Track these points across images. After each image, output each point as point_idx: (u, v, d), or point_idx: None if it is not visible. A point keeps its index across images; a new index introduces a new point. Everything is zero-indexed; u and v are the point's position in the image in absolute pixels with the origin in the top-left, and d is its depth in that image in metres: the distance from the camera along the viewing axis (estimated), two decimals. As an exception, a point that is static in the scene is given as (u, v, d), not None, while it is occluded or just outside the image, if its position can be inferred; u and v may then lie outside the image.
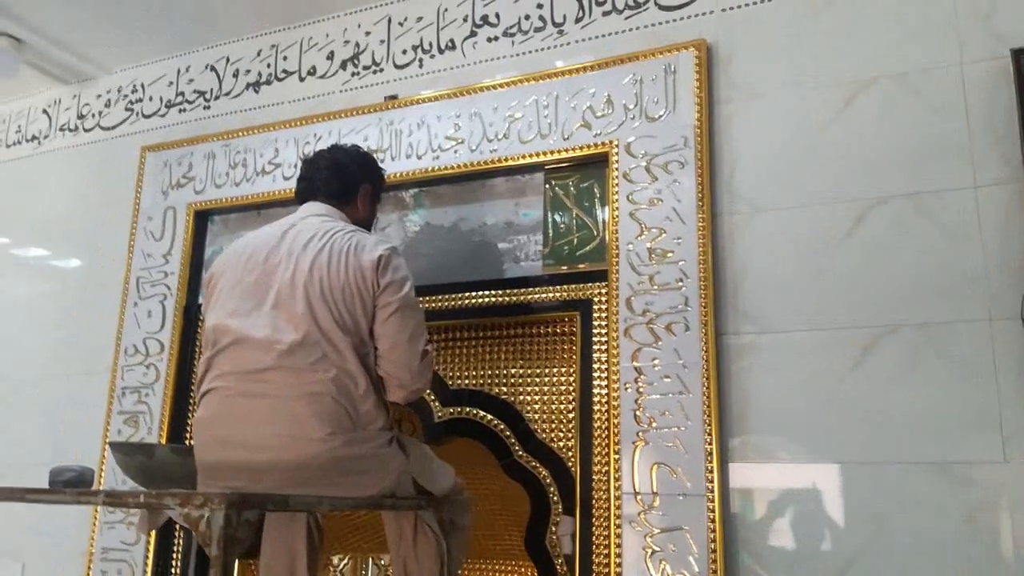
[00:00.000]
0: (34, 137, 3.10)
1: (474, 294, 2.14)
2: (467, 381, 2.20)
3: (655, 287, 1.91)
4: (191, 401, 2.43)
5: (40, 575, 2.55)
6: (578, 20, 2.20)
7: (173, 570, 2.35)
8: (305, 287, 1.59)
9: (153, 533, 2.34)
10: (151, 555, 2.34)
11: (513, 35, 2.28)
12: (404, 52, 2.43)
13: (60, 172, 2.99)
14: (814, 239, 1.82)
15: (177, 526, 2.37)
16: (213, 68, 2.75)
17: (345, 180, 1.84)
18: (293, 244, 1.66)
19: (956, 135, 1.74)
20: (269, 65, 2.65)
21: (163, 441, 2.40)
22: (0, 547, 2.64)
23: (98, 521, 2.44)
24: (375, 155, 1.99)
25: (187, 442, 2.35)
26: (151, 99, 2.85)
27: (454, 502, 1.80)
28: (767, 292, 1.84)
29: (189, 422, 2.41)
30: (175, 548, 2.38)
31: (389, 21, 2.47)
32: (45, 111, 3.10)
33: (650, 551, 1.78)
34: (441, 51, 2.38)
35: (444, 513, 1.75)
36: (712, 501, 1.74)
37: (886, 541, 1.63)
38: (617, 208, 1.99)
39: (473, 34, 2.34)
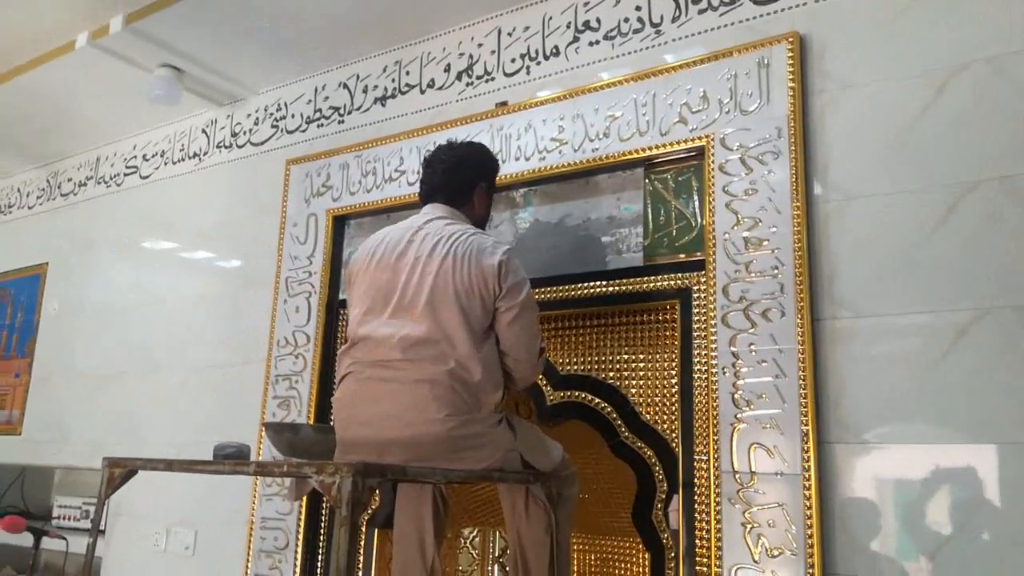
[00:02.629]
0: (195, 154, 3.50)
1: (580, 285, 2.28)
2: (576, 367, 2.35)
3: (751, 274, 1.98)
4: (333, 386, 2.71)
5: (210, 540, 2.92)
6: (675, 19, 2.29)
7: (321, 536, 2.64)
8: (430, 291, 1.80)
9: (304, 505, 2.64)
10: (302, 523, 2.65)
11: (613, 38, 2.39)
12: (513, 60, 2.59)
13: (218, 184, 3.37)
14: (908, 225, 1.83)
15: (324, 499, 2.65)
16: (345, 85, 3.02)
17: (461, 181, 2.02)
18: (420, 248, 1.86)
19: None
20: (393, 80, 2.88)
21: (310, 421, 2.69)
22: (178, 516, 3.04)
23: (258, 494, 2.78)
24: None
25: (329, 422, 2.63)
26: (293, 116, 3.16)
27: (561, 477, 1.97)
28: (862, 278, 1.87)
29: (332, 404, 2.70)
30: (323, 518, 2.67)
31: (499, 32, 2.64)
32: (204, 131, 3.49)
33: (749, 527, 1.87)
34: (547, 57, 2.52)
35: (552, 486, 1.92)
36: (808, 480, 1.81)
37: (980, 524, 1.65)
38: (713, 199, 2.07)
39: (576, 39, 2.47)
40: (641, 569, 2.28)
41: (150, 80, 3.13)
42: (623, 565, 2.46)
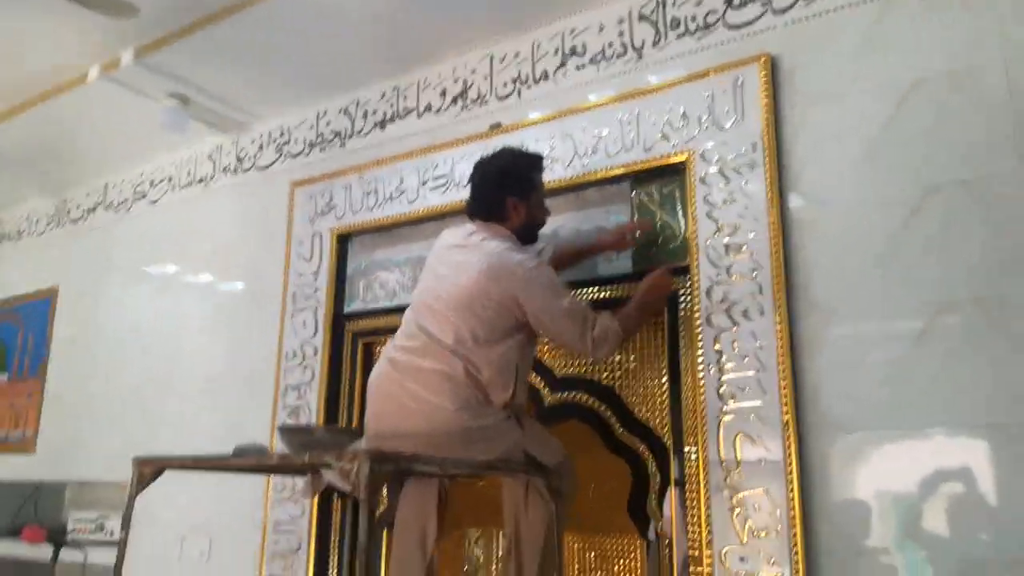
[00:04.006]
0: (202, 179, 3.65)
1: (586, 289, 2.42)
2: (572, 369, 2.50)
3: (732, 277, 2.14)
4: (340, 395, 2.86)
5: (225, 544, 3.04)
6: (655, 44, 2.46)
7: (333, 537, 2.77)
8: (454, 300, 2.00)
9: (315, 508, 2.77)
10: (314, 527, 2.77)
11: (598, 62, 2.56)
12: (505, 85, 2.76)
13: (225, 208, 3.52)
14: (876, 228, 1.99)
15: (335, 502, 2.79)
16: (346, 111, 3.19)
17: (486, 202, 2.17)
18: (455, 261, 2.07)
19: (1002, 128, 1.88)
20: (392, 105, 3.05)
21: (320, 426, 2.83)
22: (193, 522, 3.16)
23: (270, 499, 2.90)
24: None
25: (337, 424, 2.77)
26: (296, 141, 3.32)
27: (561, 473, 2.11)
28: (835, 277, 2.03)
29: (340, 411, 2.84)
30: (332, 522, 2.80)
31: (491, 59, 2.81)
32: (210, 156, 3.64)
33: (736, 511, 2.01)
34: (536, 81, 2.69)
35: (553, 481, 2.06)
36: (790, 466, 1.96)
37: (947, 501, 1.79)
38: (695, 209, 2.24)
39: (563, 64, 2.64)
40: (638, 559, 2.41)
41: (159, 110, 3.28)
42: (621, 561, 2.59)
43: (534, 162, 2.23)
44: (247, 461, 1.77)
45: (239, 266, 3.38)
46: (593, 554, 2.68)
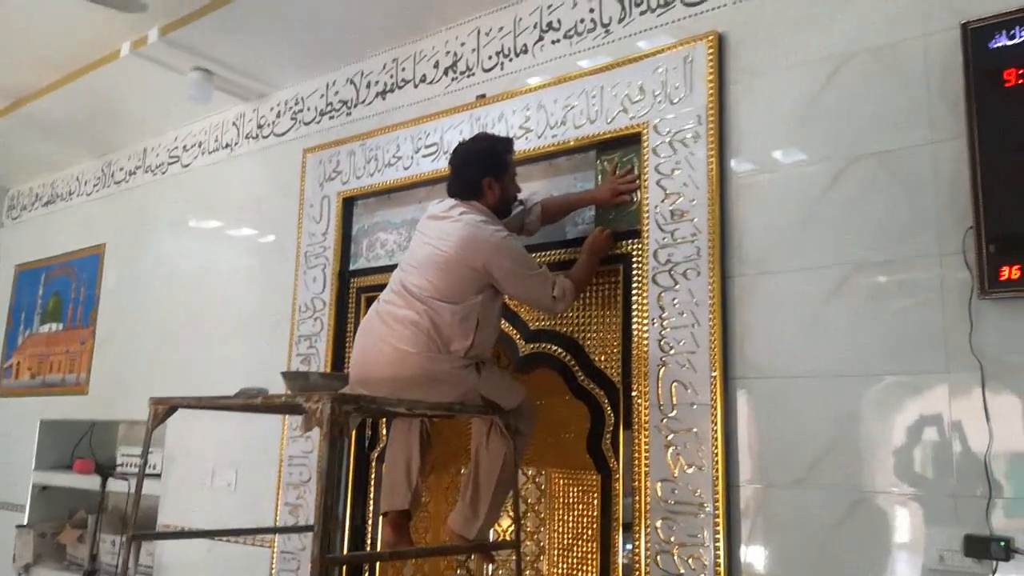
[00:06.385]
0: (227, 144, 3.96)
1: (544, 253, 2.67)
2: (543, 323, 2.75)
3: (676, 241, 2.35)
4: (345, 344, 3.17)
5: (249, 475, 3.42)
6: (621, 20, 2.64)
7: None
8: (432, 262, 2.28)
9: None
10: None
11: (571, 37, 2.75)
12: (490, 58, 2.97)
13: (249, 171, 3.83)
14: (801, 193, 2.19)
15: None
16: (352, 81, 3.44)
17: (466, 183, 2.43)
18: (438, 229, 2.34)
19: (918, 100, 2.04)
20: (392, 76, 3.29)
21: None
22: (221, 458, 3.55)
23: (285, 436, 3.26)
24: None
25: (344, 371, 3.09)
26: (308, 109, 3.59)
27: (520, 415, 2.39)
28: (764, 239, 2.23)
29: (345, 360, 3.15)
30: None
31: (479, 32, 3.02)
32: (234, 123, 3.95)
33: (670, 448, 2.26)
34: (517, 55, 2.90)
35: (511, 421, 2.34)
36: (716, 409, 2.20)
37: (849, 440, 2.02)
38: (647, 178, 2.44)
39: (541, 38, 2.84)
40: (594, 488, 2.69)
41: (184, 81, 3.58)
42: (579, 489, 2.88)
43: (507, 145, 2.48)
44: (238, 401, 2.09)
45: (263, 224, 3.69)
46: (562, 483, 2.99)
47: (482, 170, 2.41)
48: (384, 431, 3.02)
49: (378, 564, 3.02)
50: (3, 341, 5.10)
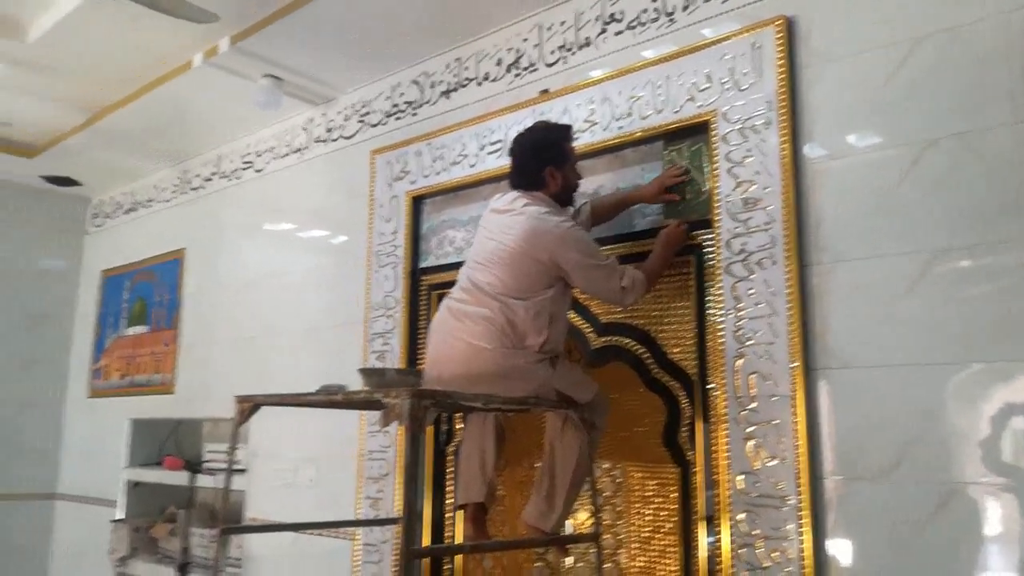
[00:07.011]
0: (298, 149, 4.06)
1: (613, 246, 2.66)
2: (615, 316, 2.75)
3: (749, 229, 2.32)
4: (418, 341, 3.23)
5: (329, 470, 3.51)
6: (685, 8, 2.61)
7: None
8: (499, 257, 2.31)
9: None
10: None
11: (634, 27, 2.73)
12: (552, 52, 2.97)
13: (319, 174, 3.92)
14: (879, 177, 2.13)
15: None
16: (416, 82, 3.48)
17: (527, 174, 2.45)
18: (501, 224, 2.37)
19: (999, 80, 1.96)
20: (455, 75, 3.32)
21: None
22: (303, 454, 3.65)
23: (364, 432, 3.34)
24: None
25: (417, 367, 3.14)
26: (375, 112, 3.65)
27: (594, 408, 2.40)
28: (842, 226, 2.18)
29: (418, 356, 3.21)
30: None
31: (539, 28, 3.02)
32: (304, 128, 4.04)
33: (750, 441, 2.24)
34: (580, 48, 2.89)
35: (585, 415, 2.35)
36: (797, 400, 2.16)
37: (936, 433, 1.96)
38: (718, 166, 2.41)
39: (603, 31, 2.82)
40: (673, 481, 2.67)
41: (255, 89, 3.68)
42: (656, 482, 2.87)
43: (565, 132, 2.47)
44: (320, 397, 2.15)
45: (334, 225, 3.78)
46: (636, 476, 2.98)
47: (542, 160, 2.42)
48: (459, 426, 3.06)
49: (459, 556, 3.07)
50: (92, 344, 5.34)
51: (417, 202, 3.37)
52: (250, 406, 2.24)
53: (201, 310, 4.51)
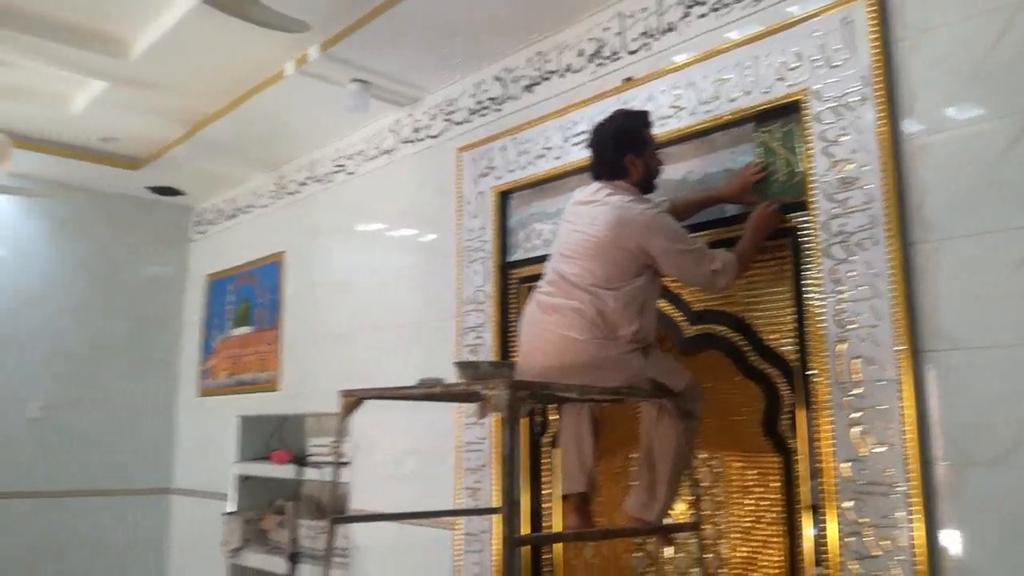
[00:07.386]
0: (387, 150, 4.16)
1: (704, 232, 2.63)
2: (707, 303, 2.71)
3: (847, 210, 2.25)
4: (509, 333, 3.26)
5: (428, 461, 3.60)
6: (771, -14, 2.55)
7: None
8: (585, 248, 2.32)
9: (497, 431, 3.22)
10: (495, 447, 3.23)
11: (718, 9, 2.68)
12: (634, 40, 2.95)
13: (408, 174, 4.00)
14: (983, 151, 2.03)
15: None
16: (498, 78, 3.51)
17: (607, 163, 2.46)
18: (586, 215, 2.38)
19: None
20: (537, 69, 3.33)
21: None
22: (403, 447, 3.75)
23: (461, 423, 3.40)
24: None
25: (509, 359, 3.18)
26: (459, 110, 3.71)
27: (689, 396, 2.38)
28: (946, 203, 2.09)
29: (510, 349, 3.24)
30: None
31: (621, 16, 3.00)
32: (391, 130, 4.13)
33: (855, 427, 2.18)
34: (663, 33, 2.86)
35: (680, 403, 2.34)
36: (904, 385, 2.09)
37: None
38: (811, 146, 2.35)
39: (686, 15, 2.78)
40: (774, 470, 2.62)
41: (344, 94, 3.79)
42: (757, 471, 2.81)
43: (643, 119, 2.46)
44: (420, 391, 2.21)
45: (423, 223, 3.86)
46: (735, 467, 2.92)
47: (622, 148, 2.41)
48: (552, 417, 3.09)
49: (561, 546, 3.10)
50: (200, 346, 5.61)
51: (503, 197, 3.40)
52: (354, 400, 2.32)
53: (301, 310, 4.68)
